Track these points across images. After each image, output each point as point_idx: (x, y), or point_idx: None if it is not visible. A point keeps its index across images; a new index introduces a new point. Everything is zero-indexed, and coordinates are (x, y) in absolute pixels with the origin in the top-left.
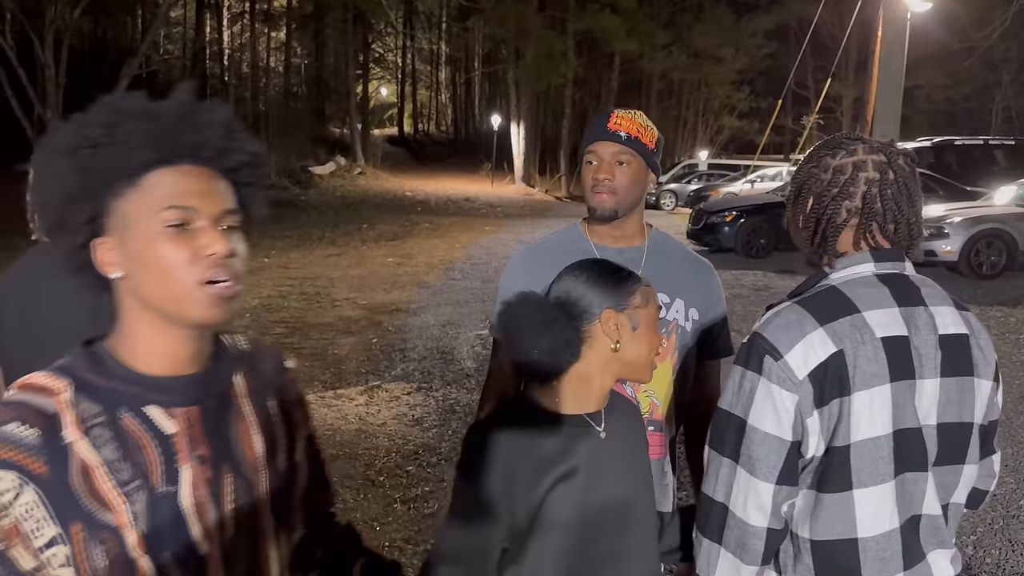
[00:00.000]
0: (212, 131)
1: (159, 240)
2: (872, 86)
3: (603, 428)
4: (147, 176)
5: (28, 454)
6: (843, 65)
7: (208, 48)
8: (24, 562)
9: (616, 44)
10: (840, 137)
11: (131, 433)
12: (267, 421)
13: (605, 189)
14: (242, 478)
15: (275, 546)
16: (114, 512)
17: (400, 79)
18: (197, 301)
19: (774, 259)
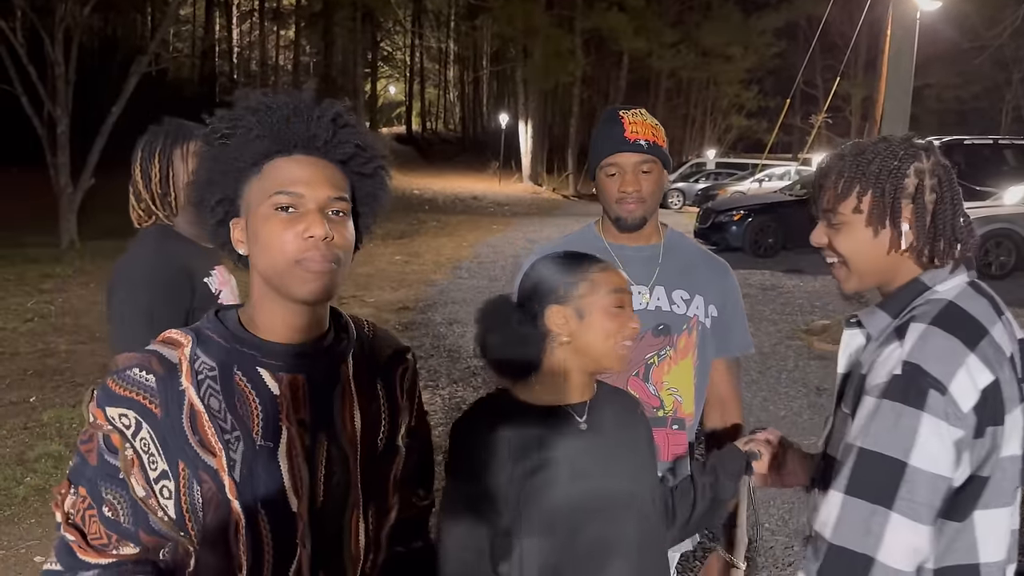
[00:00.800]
0: (322, 124)
1: (269, 220)
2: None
3: (584, 419)
4: (267, 164)
5: (146, 395)
6: (852, 64)
7: (217, 46)
8: (138, 490)
9: (624, 42)
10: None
11: (239, 388)
12: (371, 401)
13: (633, 200)
14: (338, 447)
15: (363, 518)
16: (215, 456)
17: (408, 77)
18: (293, 277)
19: (782, 258)
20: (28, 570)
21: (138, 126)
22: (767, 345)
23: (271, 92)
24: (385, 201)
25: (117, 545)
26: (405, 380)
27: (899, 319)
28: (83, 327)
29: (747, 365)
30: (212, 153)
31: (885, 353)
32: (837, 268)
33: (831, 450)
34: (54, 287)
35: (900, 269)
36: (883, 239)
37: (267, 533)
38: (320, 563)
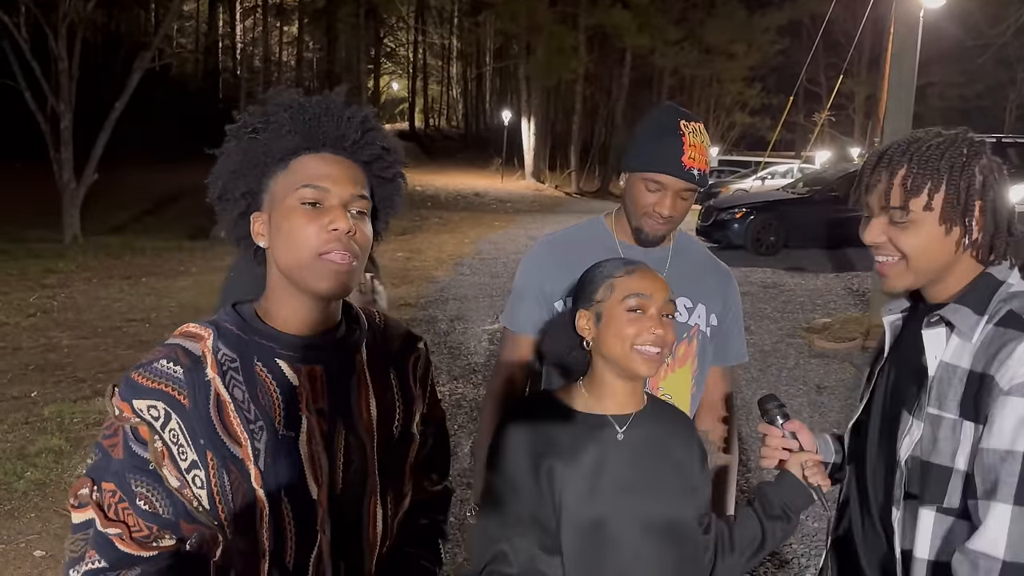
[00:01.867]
0: (351, 125)
1: (294, 213)
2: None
3: (623, 431)
4: (295, 160)
5: (175, 387)
6: (855, 62)
7: (221, 42)
8: (172, 480)
9: (627, 39)
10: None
11: (261, 379)
12: (386, 390)
13: (663, 220)
14: (355, 436)
15: (380, 504)
16: (241, 446)
17: (411, 74)
18: (315, 271)
19: (783, 256)
20: (28, 564)
21: (141, 121)
22: (768, 343)
23: (300, 92)
24: (399, 206)
25: (159, 537)
26: (418, 368)
27: (990, 313)
28: (85, 322)
29: (748, 363)
30: (241, 146)
31: (1018, 351)
32: (891, 265)
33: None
34: (57, 282)
35: (958, 266)
36: (953, 237)
37: (289, 520)
38: (339, 549)
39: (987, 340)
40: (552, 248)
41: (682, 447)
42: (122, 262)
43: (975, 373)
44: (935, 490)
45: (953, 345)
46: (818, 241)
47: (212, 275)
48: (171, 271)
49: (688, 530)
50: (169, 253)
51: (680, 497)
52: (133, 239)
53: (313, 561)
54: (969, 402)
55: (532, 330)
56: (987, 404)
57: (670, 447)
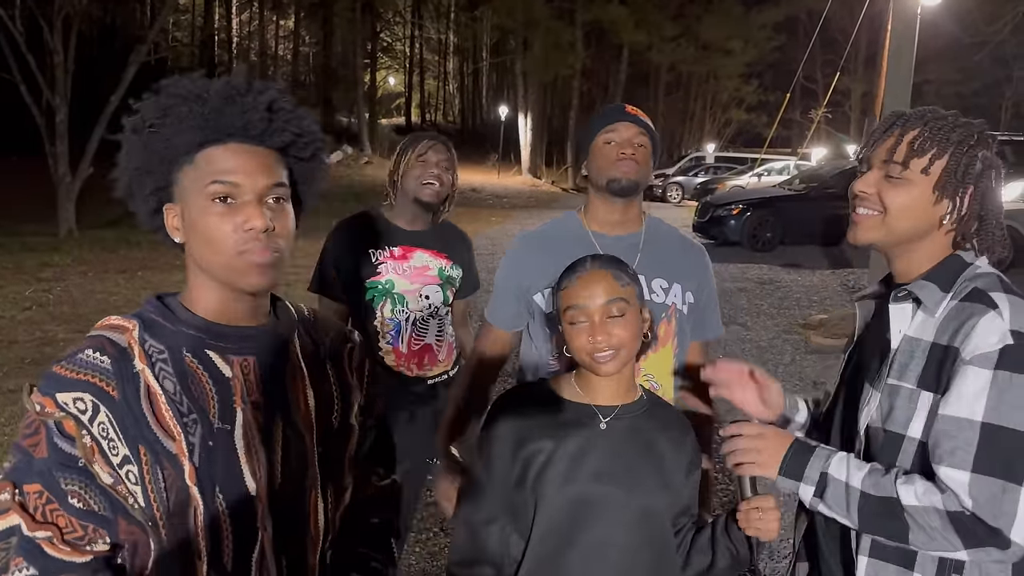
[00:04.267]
0: (256, 112)
1: (206, 212)
2: (881, 81)
3: (607, 420)
4: (200, 153)
5: (102, 377)
6: (852, 59)
7: (216, 36)
8: (104, 477)
9: (624, 35)
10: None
11: (192, 371)
12: (323, 381)
13: (628, 159)
14: (293, 428)
15: (321, 498)
16: (175, 440)
17: (408, 68)
18: (236, 269)
19: (780, 252)
20: None
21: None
22: (764, 339)
23: (200, 78)
24: (323, 178)
25: (93, 538)
26: (353, 359)
27: (955, 291)
28: (81, 316)
29: (744, 359)
30: (141, 141)
31: (980, 323)
32: (866, 217)
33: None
34: (52, 276)
35: (929, 243)
36: (938, 209)
37: (225, 518)
38: (281, 545)
39: (950, 314)
40: (527, 244)
41: (670, 447)
42: (118, 256)
43: (938, 345)
44: (886, 456)
45: (918, 320)
46: (814, 237)
47: None
48: (167, 265)
49: (659, 523)
50: (165, 247)
51: (656, 490)
52: (128, 233)
53: (256, 559)
54: (930, 373)
55: (509, 325)
56: (948, 374)
57: (655, 442)
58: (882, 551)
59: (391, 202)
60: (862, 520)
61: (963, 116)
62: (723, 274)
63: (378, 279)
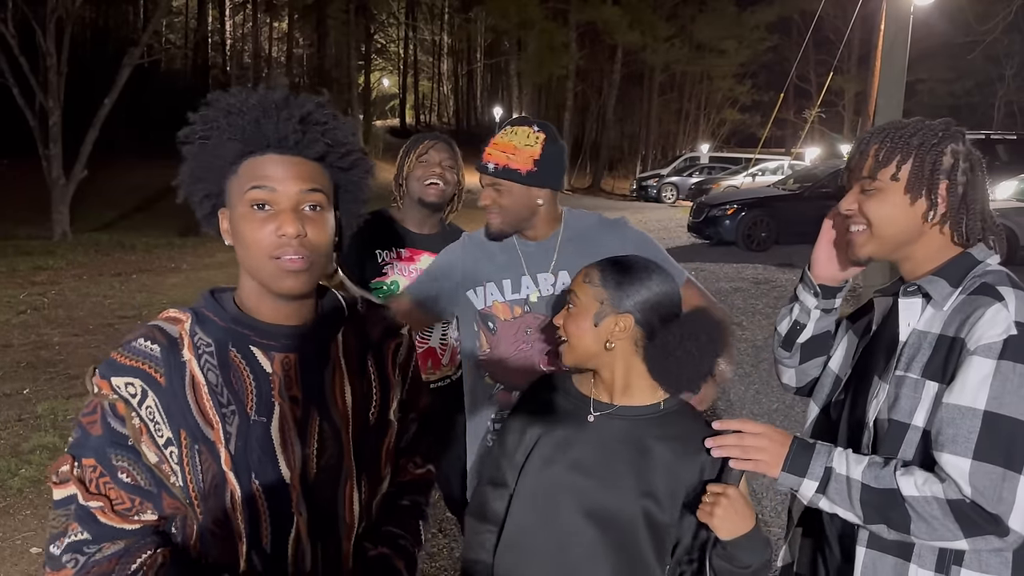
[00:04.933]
0: (291, 125)
1: (245, 218)
2: (874, 80)
3: (597, 415)
4: (243, 163)
5: (152, 365)
6: (845, 59)
7: (210, 38)
8: (151, 456)
9: (618, 36)
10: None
11: (235, 365)
12: (362, 378)
13: (488, 211)
14: (330, 423)
15: (356, 488)
16: (213, 428)
17: (402, 70)
18: (269, 273)
19: (774, 252)
20: (24, 561)
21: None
22: (760, 338)
23: (243, 91)
24: (369, 188)
25: (141, 510)
26: (398, 355)
27: (963, 285)
28: (76, 319)
29: (740, 359)
30: (193, 151)
31: (986, 315)
32: (857, 234)
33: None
34: (47, 279)
35: (927, 242)
36: (917, 209)
37: (263, 503)
38: (317, 531)
39: (958, 307)
40: (469, 241)
41: (671, 457)
42: (112, 259)
43: (945, 337)
44: (890, 445)
45: (927, 314)
46: (808, 237)
47: (204, 271)
48: (162, 268)
49: (631, 529)
50: (160, 250)
51: (632, 494)
52: (123, 236)
53: (292, 543)
54: (936, 363)
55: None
56: (954, 364)
57: (652, 449)
58: (880, 542)
59: (398, 205)
60: (865, 513)
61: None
62: (718, 274)
63: (383, 280)
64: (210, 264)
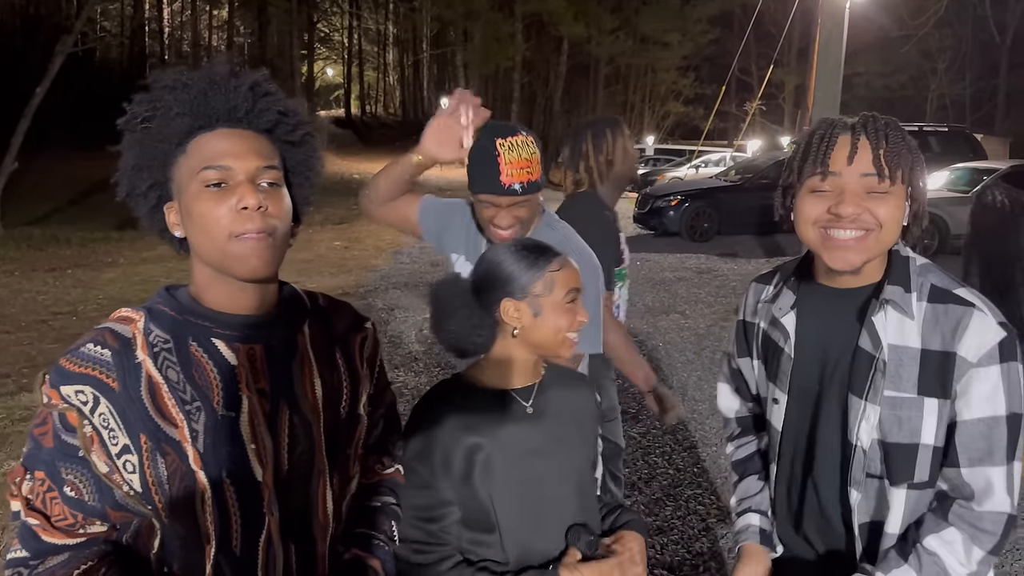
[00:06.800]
0: (240, 94)
1: (200, 198)
2: (812, 73)
3: (531, 403)
4: (191, 142)
5: (102, 370)
6: (785, 52)
7: (147, 26)
8: (101, 466)
9: (563, 28)
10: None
11: (196, 360)
12: (332, 370)
13: (504, 230)
14: (300, 416)
15: (329, 486)
16: (177, 427)
17: (347, 60)
18: (231, 254)
19: (717, 242)
20: None
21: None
22: (702, 326)
23: (185, 68)
24: (319, 169)
25: (84, 524)
26: (365, 348)
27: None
28: (7, 316)
29: (683, 345)
30: (135, 139)
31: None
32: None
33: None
34: None
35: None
36: (905, 212)
37: (234, 502)
38: (289, 531)
39: (931, 318)
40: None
41: (578, 402)
42: (46, 254)
43: (933, 352)
44: (902, 468)
45: (894, 326)
46: (750, 227)
47: (142, 265)
48: (98, 262)
49: (588, 476)
50: (96, 244)
51: (582, 449)
52: (58, 230)
53: (262, 544)
54: (930, 380)
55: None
56: (954, 379)
57: (570, 406)
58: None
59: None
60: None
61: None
62: (662, 264)
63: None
64: (149, 258)
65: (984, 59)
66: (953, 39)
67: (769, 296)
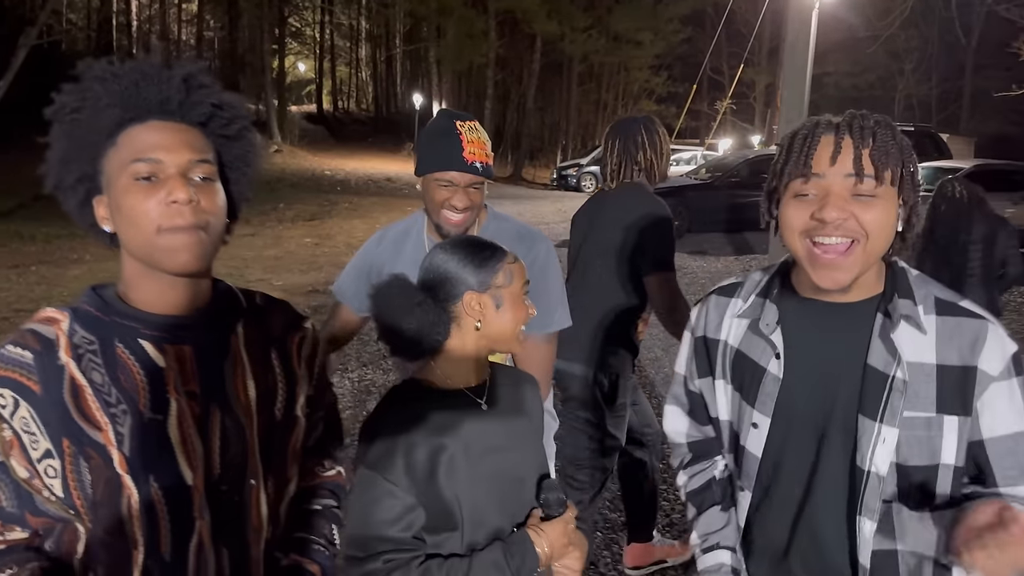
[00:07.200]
0: (173, 86)
1: (129, 191)
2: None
3: (484, 400)
4: (121, 134)
5: (23, 372)
6: (756, 52)
7: (115, 19)
8: (20, 471)
9: (537, 25)
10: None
11: (122, 361)
12: (266, 371)
13: (459, 212)
14: (232, 418)
15: (264, 489)
16: (102, 431)
17: (319, 55)
18: (160, 248)
19: (687, 240)
20: None
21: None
22: None
23: (116, 60)
24: (257, 164)
25: (3, 531)
26: (303, 349)
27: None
28: None
29: (650, 343)
30: (63, 130)
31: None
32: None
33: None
34: None
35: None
36: (897, 219)
37: (162, 507)
38: (222, 536)
39: (944, 332)
40: (384, 238)
41: (529, 398)
42: (9, 250)
43: (952, 367)
44: (922, 492)
45: (908, 341)
46: (719, 225)
47: (109, 263)
48: (63, 259)
49: (546, 468)
50: (61, 240)
51: (537, 442)
52: (22, 226)
53: (193, 549)
54: (949, 397)
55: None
56: (974, 395)
57: (519, 400)
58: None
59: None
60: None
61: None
62: None
63: None
64: (115, 255)
65: (950, 60)
66: (920, 40)
67: (741, 311)
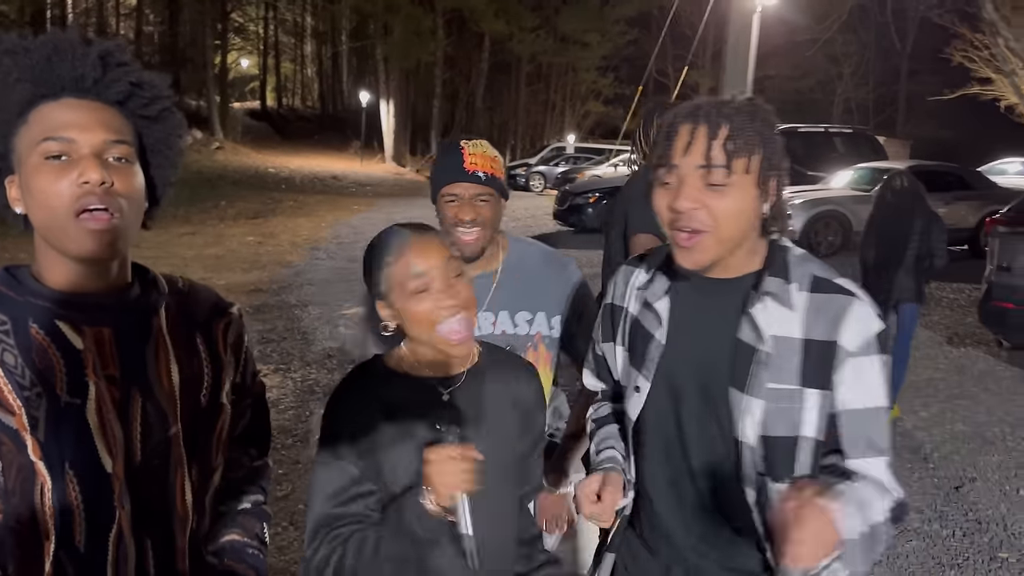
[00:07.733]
0: (88, 63)
1: (40, 171)
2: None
3: (449, 391)
4: (32, 112)
5: None
6: (700, 54)
7: (49, 11)
8: None
9: (484, 24)
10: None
11: (37, 343)
12: (191, 355)
13: (468, 227)
14: (154, 404)
15: (188, 477)
16: (14, 415)
17: (263, 51)
18: (71, 233)
19: None
20: None
21: None
22: None
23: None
24: (180, 147)
25: None
26: (229, 335)
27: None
28: None
29: None
30: None
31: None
32: (698, 238)
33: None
34: None
35: (751, 238)
36: (758, 204)
37: (76, 496)
38: (144, 525)
39: (813, 308)
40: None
41: (522, 389)
42: None
43: (815, 342)
44: (783, 464)
45: (776, 317)
46: None
47: None
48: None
49: (524, 465)
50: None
51: (518, 437)
52: None
53: (112, 539)
54: (812, 370)
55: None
56: (833, 369)
57: (509, 392)
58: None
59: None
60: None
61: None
62: (581, 260)
63: None
64: None
65: (886, 65)
66: (857, 45)
67: (641, 282)
